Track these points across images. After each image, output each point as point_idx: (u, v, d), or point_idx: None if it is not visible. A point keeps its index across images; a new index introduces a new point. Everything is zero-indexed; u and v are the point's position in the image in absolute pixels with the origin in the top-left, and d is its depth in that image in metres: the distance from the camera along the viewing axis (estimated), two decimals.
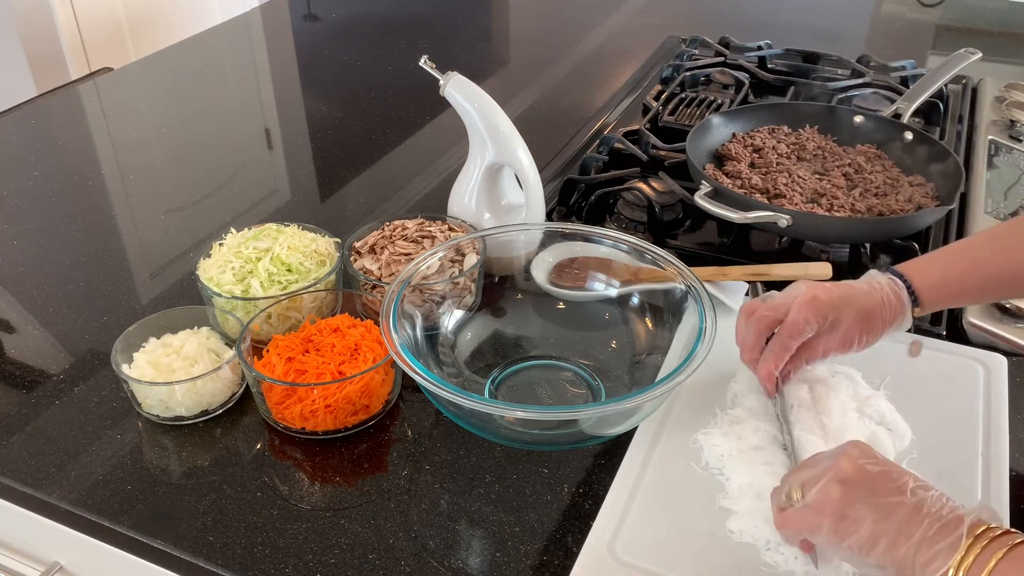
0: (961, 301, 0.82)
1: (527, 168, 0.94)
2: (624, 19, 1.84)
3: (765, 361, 0.74)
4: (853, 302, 0.73)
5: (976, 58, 1.28)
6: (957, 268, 0.75)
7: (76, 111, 1.48)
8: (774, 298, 0.75)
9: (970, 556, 0.52)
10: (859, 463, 0.59)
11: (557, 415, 0.73)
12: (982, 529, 0.53)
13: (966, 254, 0.76)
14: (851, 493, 0.57)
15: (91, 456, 0.77)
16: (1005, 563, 0.51)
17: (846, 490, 0.58)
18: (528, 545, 0.68)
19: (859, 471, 0.58)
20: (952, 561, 0.53)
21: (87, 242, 1.08)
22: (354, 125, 1.38)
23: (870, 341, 0.74)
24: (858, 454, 0.60)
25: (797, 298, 0.73)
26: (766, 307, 0.75)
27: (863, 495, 0.57)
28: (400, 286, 0.80)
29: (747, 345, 0.76)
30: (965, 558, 0.52)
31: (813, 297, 0.72)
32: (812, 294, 0.73)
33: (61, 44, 2.58)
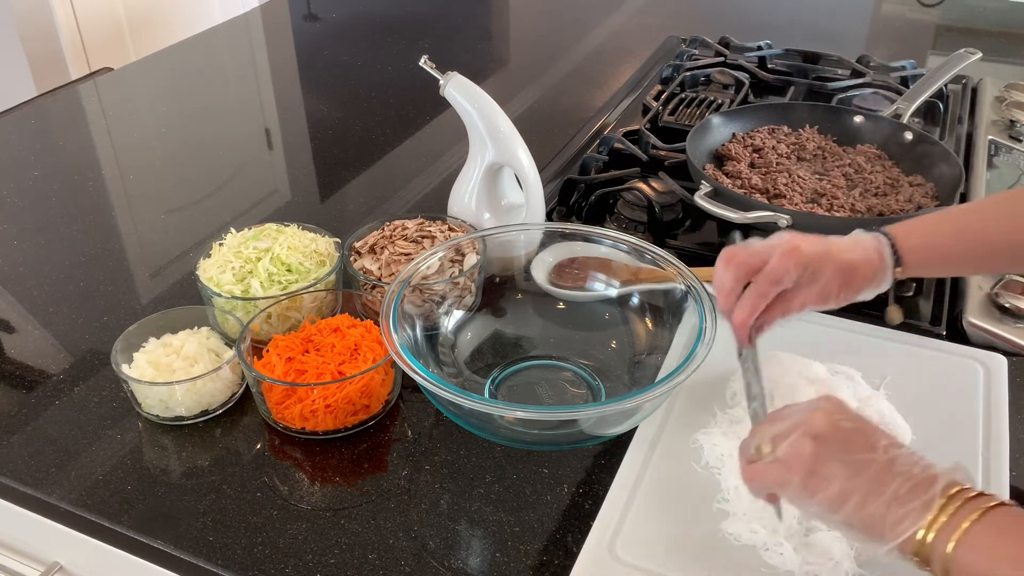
0: (945, 267, 0.80)
1: (527, 168, 0.94)
2: (624, 19, 1.84)
3: (741, 308, 0.71)
4: (835, 256, 0.71)
5: (976, 58, 1.29)
6: (943, 232, 0.74)
7: (76, 111, 1.48)
8: (755, 245, 0.72)
9: (942, 517, 0.51)
10: (832, 418, 0.57)
11: (557, 415, 0.73)
12: (956, 490, 0.52)
13: (954, 220, 0.75)
14: (822, 449, 0.56)
15: (91, 456, 0.77)
16: (978, 526, 0.50)
17: (817, 445, 0.56)
18: (528, 545, 0.68)
19: (832, 426, 0.56)
20: (923, 522, 0.51)
21: (87, 242, 1.08)
22: (354, 125, 1.38)
23: (848, 297, 0.72)
24: (831, 409, 0.58)
25: (778, 247, 0.71)
26: (746, 253, 0.72)
27: (835, 451, 0.55)
28: (400, 286, 0.80)
29: (724, 290, 0.72)
30: (937, 519, 0.51)
31: (795, 247, 0.70)
32: (794, 244, 0.70)
33: (61, 44, 2.58)
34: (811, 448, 0.56)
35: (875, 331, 0.88)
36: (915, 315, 0.91)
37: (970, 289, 0.91)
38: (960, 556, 0.50)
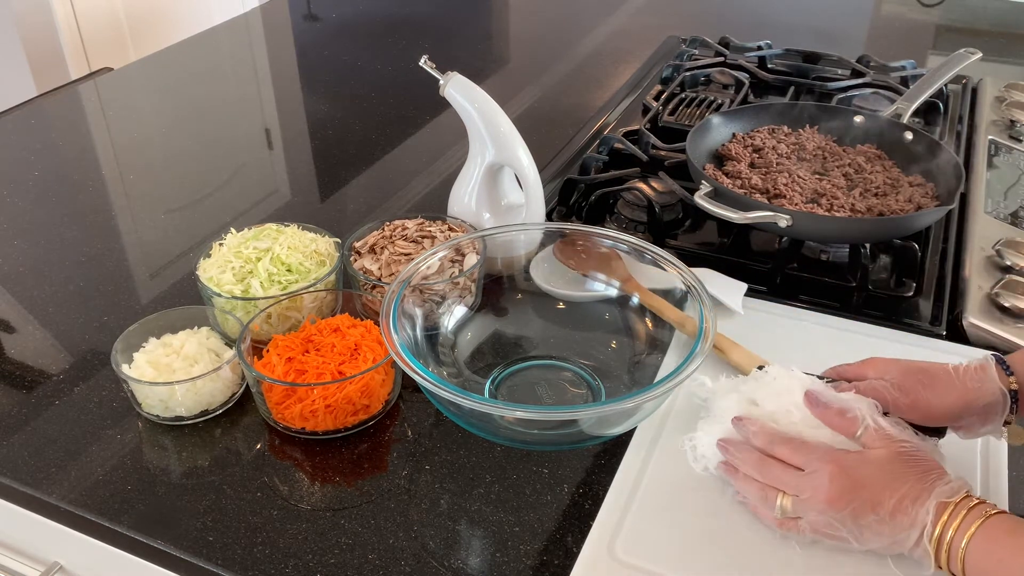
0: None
1: (527, 168, 0.94)
2: (624, 19, 1.84)
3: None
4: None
5: (976, 58, 1.28)
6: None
7: (76, 111, 1.48)
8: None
9: (957, 516, 0.58)
10: (839, 486, 0.62)
11: (557, 415, 0.73)
12: (964, 495, 0.59)
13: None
14: (839, 516, 0.62)
15: (91, 456, 0.77)
16: (984, 529, 0.57)
17: (833, 514, 0.62)
18: (528, 545, 0.68)
19: (841, 497, 0.62)
20: (941, 519, 0.58)
21: (87, 242, 1.08)
22: (354, 125, 1.38)
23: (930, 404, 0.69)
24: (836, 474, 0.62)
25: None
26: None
27: (850, 514, 0.62)
28: (400, 286, 0.80)
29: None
30: (952, 518, 0.58)
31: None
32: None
33: (61, 44, 2.58)
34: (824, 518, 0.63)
35: (875, 331, 0.88)
36: (915, 315, 0.91)
37: (970, 289, 0.91)
38: (972, 554, 0.57)
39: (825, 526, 0.63)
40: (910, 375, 0.69)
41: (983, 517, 0.58)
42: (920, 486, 0.60)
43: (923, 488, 0.60)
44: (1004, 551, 0.57)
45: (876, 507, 0.61)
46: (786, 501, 0.64)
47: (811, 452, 0.65)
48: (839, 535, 0.63)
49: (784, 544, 0.66)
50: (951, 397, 0.68)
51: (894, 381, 0.69)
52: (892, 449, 0.63)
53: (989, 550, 0.57)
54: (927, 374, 0.69)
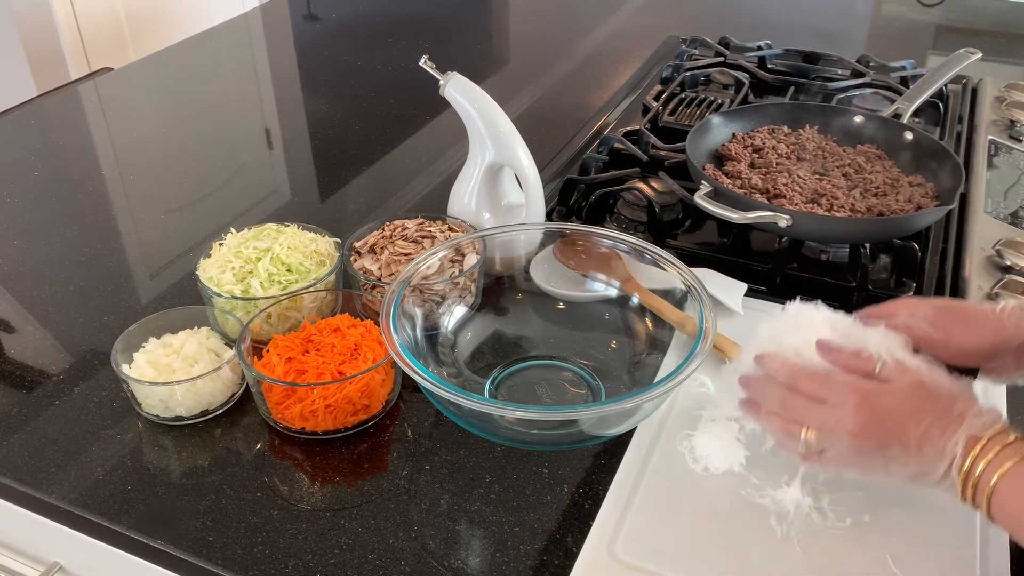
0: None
1: (527, 168, 0.94)
2: (624, 19, 1.84)
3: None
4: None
5: (976, 58, 1.28)
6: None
7: (76, 111, 1.48)
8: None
9: (991, 451, 0.56)
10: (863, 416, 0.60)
11: (557, 415, 0.73)
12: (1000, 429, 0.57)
13: None
14: (864, 447, 0.60)
15: (91, 456, 0.77)
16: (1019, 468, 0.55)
17: (858, 445, 0.60)
18: (528, 545, 0.68)
19: (865, 428, 0.60)
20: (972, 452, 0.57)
21: (87, 242, 1.08)
22: (354, 125, 1.38)
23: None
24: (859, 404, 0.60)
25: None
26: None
27: (875, 445, 0.60)
28: (400, 286, 0.80)
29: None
30: (985, 450, 0.56)
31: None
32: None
33: (61, 44, 2.58)
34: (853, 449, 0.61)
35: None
36: None
37: (970, 289, 0.92)
38: (1001, 490, 0.56)
39: (850, 458, 0.61)
40: (945, 312, 0.67)
41: (1019, 457, 0.56)
42: (948, 417, 0.58)
43: (951, 420, 0.58)
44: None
45: (901, 438, 0.59)
46: (810, 435, 0.62)
47: (834, 384, 0.63)
48: (865, 466, 0.61)
49: (784, 544, 0.66)
50: (986, 334, 0.66)
51: (927, 317, 0.67)
52: (914, 379, 0.61)
53: (1017, 493, 0.55)
54: (963, 311, 0.68)
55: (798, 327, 0.69)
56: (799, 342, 0.68)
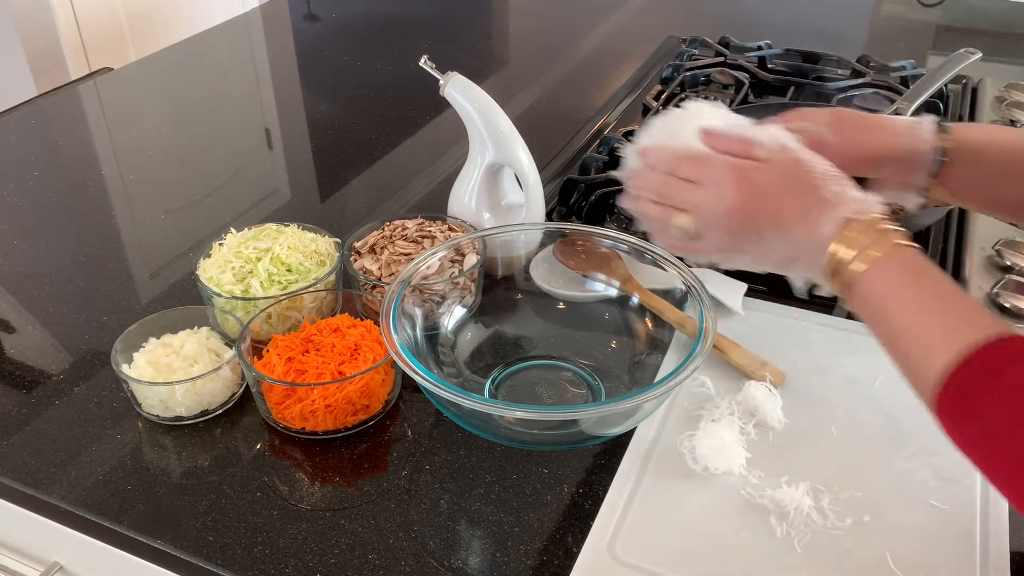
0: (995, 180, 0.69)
1: (527, 168, 0.94)
2: (624, 19, 1.84)
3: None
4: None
5: (976, 58, 1.28)
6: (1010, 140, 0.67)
7: (76, 111, 1.48)
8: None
9: (863, 238, 0.54)
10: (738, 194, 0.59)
11: (557, 415, 0.73)
12: (873, 216, 0.55)
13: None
14: (740, 225, 0.59)
15: (91, 456, 0.77)
16: (889, 259, 0.53)
17: (734, 223, 0.59)
18: (528, 545, 0.68)
19: (741, 207, 0.58)
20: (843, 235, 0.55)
21: (87, 242, 1.08)
22: (354, 125, 1.38)
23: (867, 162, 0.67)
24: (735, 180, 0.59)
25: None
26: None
27: (750, 223, 0.59)
28: (400, 286, 0.80)
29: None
30: (858, 237, 0.54)
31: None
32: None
33: (61, 44, 2.58)
34: (728, 237, 0.60)
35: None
36: None
37: (970, 289, 0.92)
38: (867, 279, 0.54)
39: (726, 239, 0.60)
40: (843, 118, 0.67)
41: (889, 246, 0.54)
42: (824, 195, 0.57)
43: (827, 199, 0.56)
44: (898, 282, 0.54)
45: (776, 215, 0.58)
46: (685, 219, 0.61)
47: (712, 165, 0.61)
48: (740, 248, 0.60)
49: (784, 544, 0.66)
50: (876, 138, 0.66)
51: (824, 122, 0.66)
52: (793, 156, 0.60)
53: (884, 277, 0.54)
54: (860, 117, 0.67)
55: (690, 121, 0.66)
56: (689, 134, 0.65)
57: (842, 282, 0.56)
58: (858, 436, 0.75)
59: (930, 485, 0.70)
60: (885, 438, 0.75)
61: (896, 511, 0.68)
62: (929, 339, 0.51)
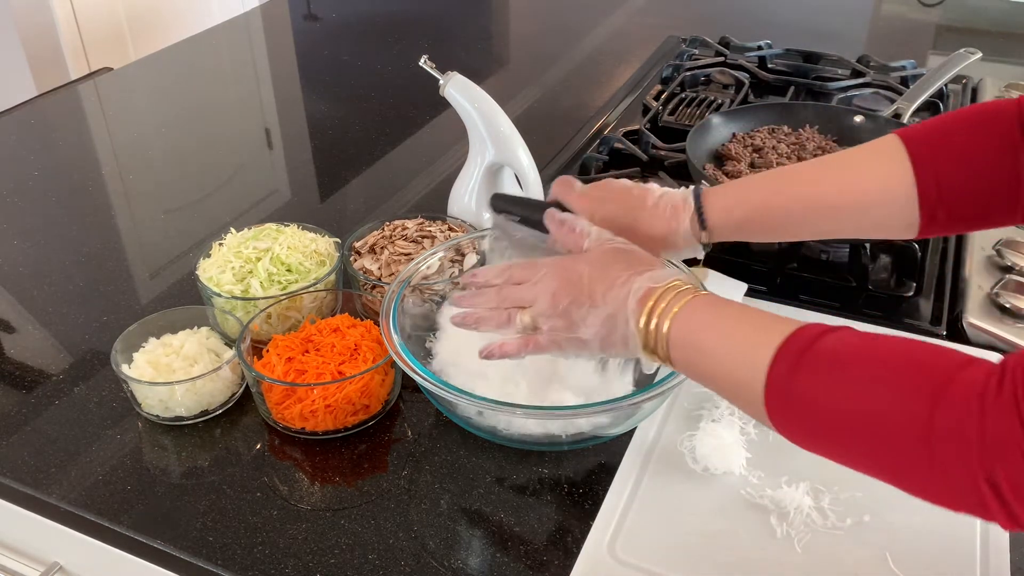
0: (744, 229, 0.74)
1: (527, 168, 0.94)
2: (624, 19, 1.84)
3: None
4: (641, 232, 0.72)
5: (976, 58, 1.28)
6: (756, 191, 0.73)
7: (76, 111, 1.48)
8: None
9: (660, 304, 0.59)
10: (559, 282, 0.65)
11: (557, 415, 0.73)
12: (668, 284, 0.61)
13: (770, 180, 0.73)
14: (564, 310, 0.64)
15: (91, 456, 0.77)
16: (686, 309, 0.58)
17: (560, 309, 0.64)
18: (528, 545, 0.68)
19: (561, 291, 0.64)
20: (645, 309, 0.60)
21: (87, 242, 1.08)
22: (354, 125, 1.38)
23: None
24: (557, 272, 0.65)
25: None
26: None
27: (572, 305, 0.64)
28: (400, 286, 0.80)
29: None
30: (656, 305, 0.59)
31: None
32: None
33: (61, 44, 2.58)
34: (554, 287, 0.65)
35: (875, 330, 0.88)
36: (915, 315, 0.91)
37: (970, 289, 0.92)
38: (673, 333, 0.58)
39: (558, 329, 0.64)
40: (621, 195, 0.74)
41: (687, 297, 0.59)
42: (628, 272, 0.62)
43: (631, 274, 0.62)
44: (701, 322, 0.58)
45: (591, 296, 0.62)
46: (524, 316, 0.66)
47: (541, 265, 0.67)
48: (570, 336, 0.64)
49: (784, 544, 0.66)
50: (663, 223, 0.72)
51: (604, 199, 0.74)
52: (609, 247, 0.66)
53: (688, 324, 0.58)
54: (631, 197, 0.74)
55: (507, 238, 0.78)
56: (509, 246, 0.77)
57: (659, 349, 0.60)
58: None
59: None
60: None
61: (896, 511, 0.68)
62: (744, 355, 0.54)
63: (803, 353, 0.51)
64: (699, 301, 0.59)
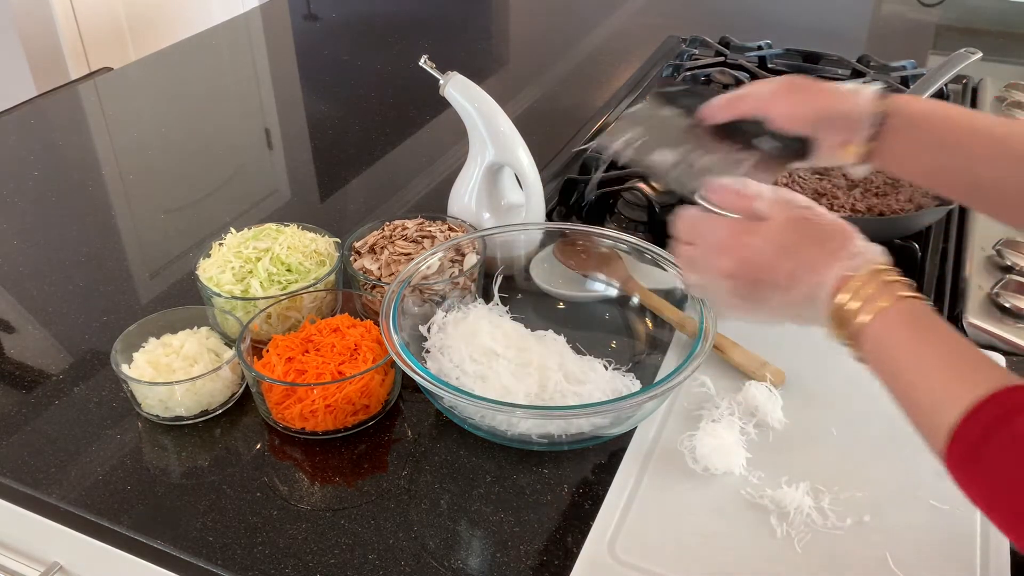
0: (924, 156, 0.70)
1: (527, 168, 0.94)
2: (624, 19, 1.84)
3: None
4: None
5: (976, 58, 1.28)
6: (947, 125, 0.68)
7: (76, 111, 1.48)
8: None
9: (868, 288, 0.55)
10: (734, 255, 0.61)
11: (557, 415, 0.73)
12: (879, 267, 0.57)
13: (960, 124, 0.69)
14: (736, 288, 0.61)
15: (91, 456, 0.77)
16: (894, 310, 0.54)
17: (731, 287, 0.61)
18: (528, 545, 0.68)
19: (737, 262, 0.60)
20: (849, 285, 0.56)
21: (87, 242, 1.08)
22: (354, 125, 1.38)
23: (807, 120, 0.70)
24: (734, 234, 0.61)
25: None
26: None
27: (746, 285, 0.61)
28: (400, 286, 0.80)
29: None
30: (863, 288, 0.55)
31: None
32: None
33: (61, 44, 2.58)
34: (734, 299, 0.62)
35: None
36: None
37: (970, 289, 0.92)
38: (874, 329, 0.55)
39: (728, 299, 0.62)
40: (794, 83, 0.71)
41: (894, 298, 0.55)
42: (821, 253, 0.58)
43: (823, 256, 0.58)
44: (901, 339, 0.54)
45: (771, 275, 0.59)
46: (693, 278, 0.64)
47: (707, 226, 0.64)
48: (744, 307, 0.62)
49: (784, 544, 0.66)
50: (819, 99, 0.69)
51: (775, 87, 0.71)
52: (792, 215, 0.61)
53: (889, 334, 0.55)
54: (810, 82, 0.71)
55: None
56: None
57: (849, 332, 0.56)
58: (858, 436, 0.75)
59: (930, 485, 0.70)
60: (885, 438, 0.75)
61: (896, 511, 0.68)
62: (937, 394, 0.52)
63: (1004, 421, 0.48)
64: (907, 306, 0.55)
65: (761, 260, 0.59)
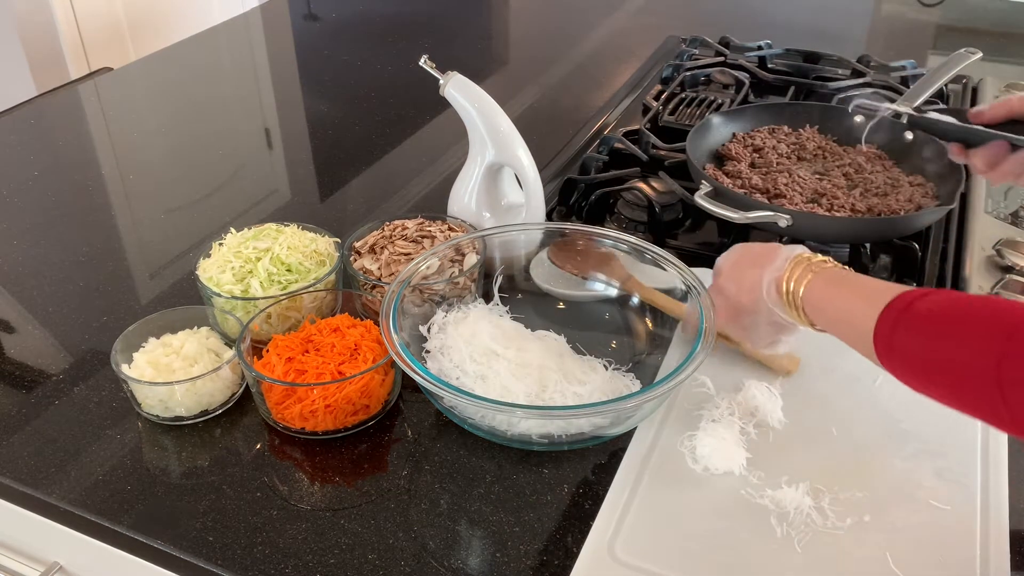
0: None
1: (527, 168, 0.94)
2: (624, 19, 1.84)
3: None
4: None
5: (976, 58, 1.28)
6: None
7: (76, 111, 1.47)
8: None
9: (796, 271, 0.70)
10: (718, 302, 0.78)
11: (557, 415, 0.73)
12: (802, 255, 0.72)
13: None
14: (728, 327, 0.79)
15: (91, 456, 0.77)
16: (818, 278, 0.69)
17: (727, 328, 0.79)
18: (528, 545, 0.68)
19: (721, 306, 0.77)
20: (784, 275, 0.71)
21: (87, 242, 1.08)
22: (354, 125, 1.38)
23: None
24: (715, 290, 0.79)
25: None
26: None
27: (730, 320, 0.78)
28: (400, 286, 0.80)
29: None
30: (793, 272, 0.70)
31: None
32: None
33: (61, 44, 2.58)
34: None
35: None
36: None
37: (970, 289, 0.91)
38: (808, 292, 0.69)
39: (732, 333, 0.79)
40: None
41: (818, 268, 0.70)
42: (755, 273, 0.73)
43: (757, 272, 0.73)
44: (827, 292, 0.68)
45: (737, 306, 0.75)
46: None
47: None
48: (738, 335, 0.79)
49: (784, 544, 0.66)
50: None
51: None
52: (728, 260, 0.78)
53: (818, 291, 0.69)
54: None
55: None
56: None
57: (799, 311, 0.71)
58: (858, 436, 0.75)
59: (930, 485, 0.70)
60: (885, 438, 0.75)
61: (896, 511, 0.68)
62: (858, 314, 0.64)
63: (902, 314, 0.61)
64: (826, 271, 0.70)
65: (724, 303, 0.77)
